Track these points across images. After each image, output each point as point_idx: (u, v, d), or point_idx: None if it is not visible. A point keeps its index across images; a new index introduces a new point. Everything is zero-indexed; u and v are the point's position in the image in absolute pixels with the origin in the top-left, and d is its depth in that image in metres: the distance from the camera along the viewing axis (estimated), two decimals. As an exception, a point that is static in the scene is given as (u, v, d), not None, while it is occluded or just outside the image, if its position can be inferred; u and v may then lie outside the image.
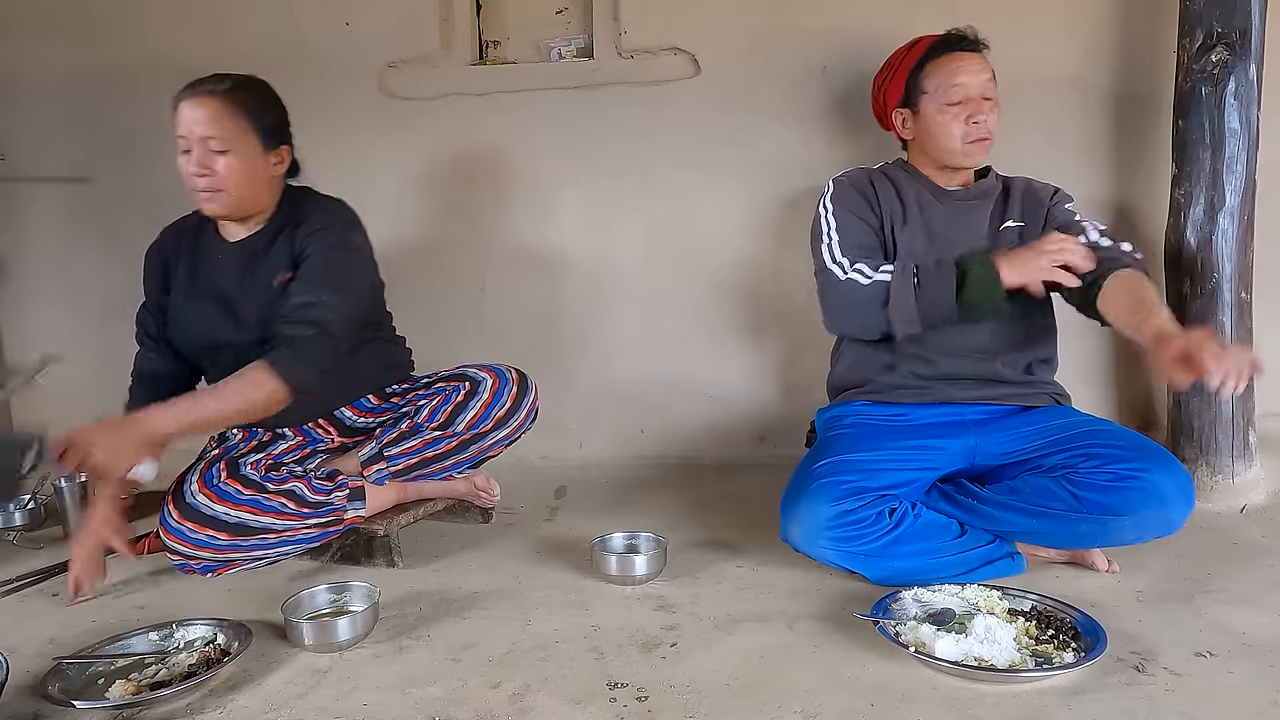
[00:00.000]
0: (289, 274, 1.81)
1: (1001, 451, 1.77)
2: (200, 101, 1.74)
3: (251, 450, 1.91)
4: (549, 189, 2.59)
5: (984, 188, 1.91)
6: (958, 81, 1.81)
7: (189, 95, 1.76)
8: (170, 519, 1.71)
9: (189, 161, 1.75)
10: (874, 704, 1.27)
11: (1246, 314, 2.15)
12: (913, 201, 1.89)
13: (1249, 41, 2.04)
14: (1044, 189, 1.92)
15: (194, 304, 1.88)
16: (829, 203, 1.90)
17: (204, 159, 1.74)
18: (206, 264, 1.89)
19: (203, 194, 1.77)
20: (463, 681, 1.38)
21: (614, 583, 1.75)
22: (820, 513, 1.63)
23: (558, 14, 2.61)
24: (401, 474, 1.89)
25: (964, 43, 1.84)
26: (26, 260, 2.78)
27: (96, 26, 2.66)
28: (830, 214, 1.88)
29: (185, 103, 1.75)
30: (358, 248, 1.88)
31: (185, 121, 1.74)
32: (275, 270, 1.82)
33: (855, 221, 1.86)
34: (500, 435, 1.93)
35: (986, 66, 1.83)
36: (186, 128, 1.74)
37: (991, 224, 1.88)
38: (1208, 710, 1.23)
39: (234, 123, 1.75)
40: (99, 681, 1.41)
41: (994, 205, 1.90)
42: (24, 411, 2.83)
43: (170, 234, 1.97)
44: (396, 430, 1.91)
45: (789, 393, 2.56)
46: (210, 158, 1.74)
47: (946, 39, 1.86)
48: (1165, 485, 1.58)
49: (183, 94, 1.77)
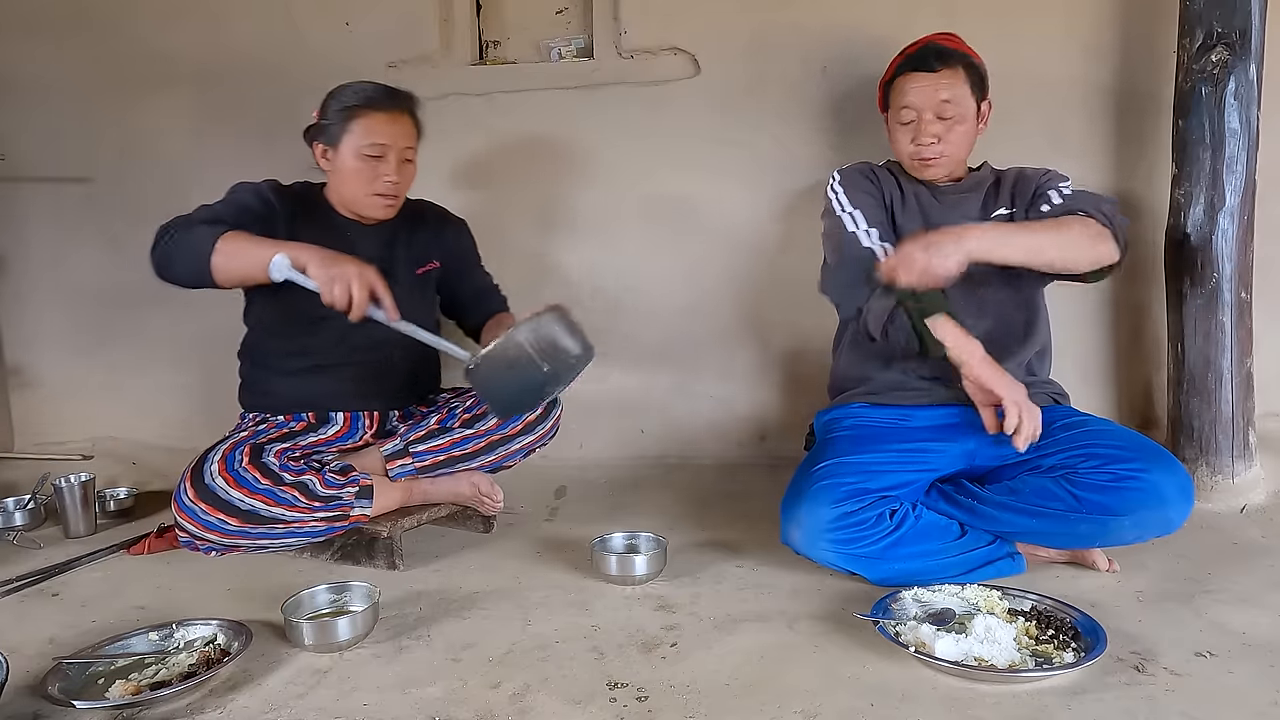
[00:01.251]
0: (434, 264, 2.08)
1: (1001, 452, 1.77)
2: (401, 116, 1.91)
3: (279, 438, 1.91)
4: (549, 189, 2.59)
5: (975, 180, 1.93)
6: (906, 103, 1.85)
7: (390, 106, 1.90)
8: (185, 497, 1.72)
9: (381, 167, 1.89)
10: (874, 704, 1.27)
11: (1246, 314, 2.15)
12: (910, 192, 1.93)
13: (1249, 41, 2.05)
14: (1035, 172, 1.91)
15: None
16: (838, 186, 1.93)
17: (400, 169, 1.91)
18: (335, 237, 1.89)
19: (387, 199, 1.94)
20: (463, 681, 1.38)
21: (614, 583, 1.75)
22: (821, 515, 1.63)
23: (558, 14, 2.61)
24: (427, 470, 1.93)
25: (921, 64, 1.84)
26: (26, 260, 2.77)
27: (95, 26, 2.66)
28: (842, 193, 1.92)
29: (384, 113, 1.89)
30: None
31: (386, 131, 1.89)
32: (419, 260, 2.06)
33: (866, 197, 1.90)
34: (525, 441, 2.00)
35: (944, 85, 1.81)
36: (389, 137, 1.89)
37: (984, 212, 1.89)
38: (1208, 710, 1.23)
39: (417, 137, 1.97)
40: (99, 681, 1.40)
41: (985, 195, 1.91)
42: (24, 411, 2.83)
43: (288, 190, 1.96)
44: (425, 427, 1.95)
45: (789, 393, 2.56)
46: (403, 168, 1.93)
47: (909, 58, 1.87)
48: (1165, 485, 1.59)
49: (377, 101, 1.89)
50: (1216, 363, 2.13)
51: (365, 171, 1.90)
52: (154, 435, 2.74)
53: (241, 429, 1.97)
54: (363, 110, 1.88)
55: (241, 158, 2.64)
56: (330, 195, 2.01)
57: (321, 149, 1.93)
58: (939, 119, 1.83)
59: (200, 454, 1.79)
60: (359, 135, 1.88)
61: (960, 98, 1.82)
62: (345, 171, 1.92)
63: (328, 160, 1.93)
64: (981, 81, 1.87)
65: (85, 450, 2.58)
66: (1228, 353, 2.13)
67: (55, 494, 2.20)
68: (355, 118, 1.88)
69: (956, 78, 1.82)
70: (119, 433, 2.75)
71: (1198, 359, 2.15)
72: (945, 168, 1.88)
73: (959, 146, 1.86)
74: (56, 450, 2.65)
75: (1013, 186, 1.90)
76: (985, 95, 1.88)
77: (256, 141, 2.63)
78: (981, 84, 1.87)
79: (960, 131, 1.84)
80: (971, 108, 1.85)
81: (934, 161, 1.86)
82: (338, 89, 1.94)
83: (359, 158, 1.89)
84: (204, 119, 2.65)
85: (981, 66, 1.87)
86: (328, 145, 1.92)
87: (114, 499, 2.36)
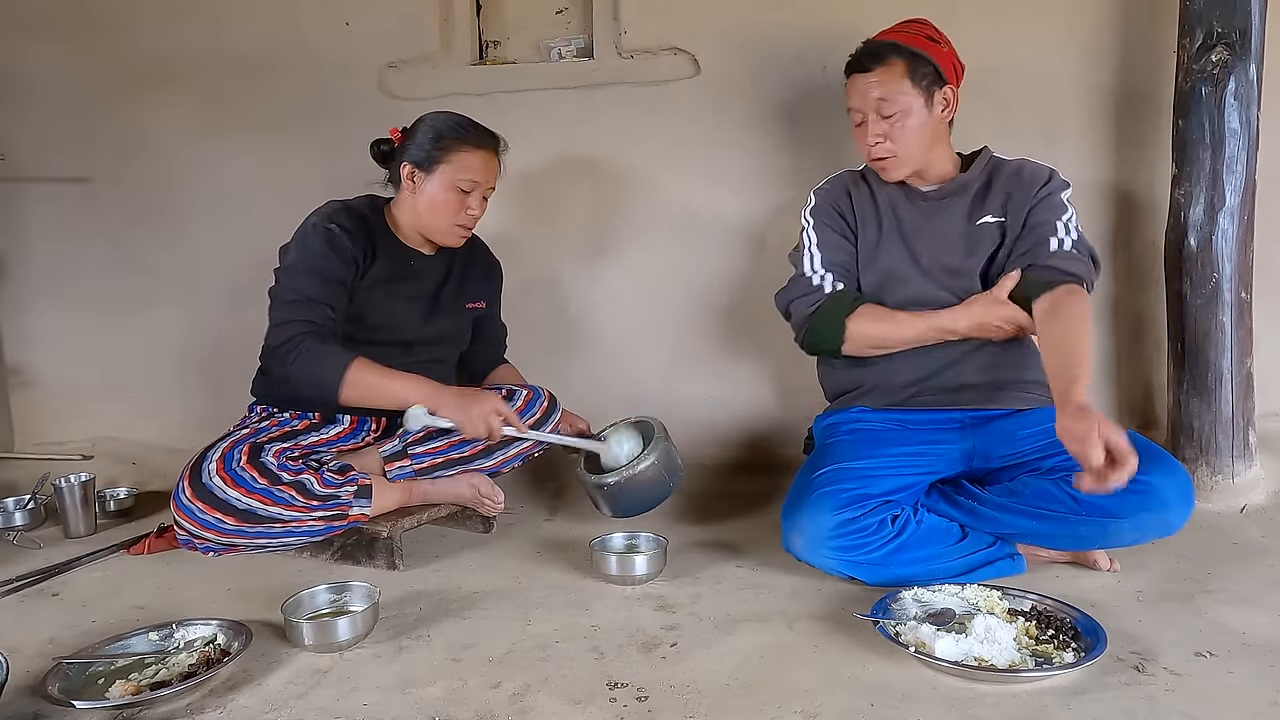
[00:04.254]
0: (481, 304, 2.19)
1: (1000, 455, 1.77)
2: (494, 156, 1.99)
3: (279, 437, 1.91)
4: (548, 189, 2.59)
5: (959, 183, 1.87)
6: (849, 105, 1.85)
7: (489, 145, 1.98)
8: (183, 495, 1.72)
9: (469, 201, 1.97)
10: (874, 704, 1.27)
11: (1246, 314, 2.15)
12: (886, 207, 1.90)
13: (1249, 41, 2.05)
14: (1035, 176, 1.85)
15: (392, 301, 1.99)
16: (809, 215, 1.97)
17: (482, 205, 2.01)
18: (400, 265, 2.01)
19: (466, 231, 2.02)
20: (463, 681, 1.38)
21: (614, 583, 1.75)
22: (822, 522, 1.63)
23: (558, 14, 2.61)
24: (425, 472, 1.94)
25: (855, 65, 1.83)
26: (26, 260, 2.77)
27: (95, 26, 2.66)
28: (810, 225, 1.96)
29: (483, 151, 1.97)
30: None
31: (482, 169, 1.96)
32: (470, 295, 2.15)
33: (830, 233, 1.92)
34: (525, 445, 2.02)
35: (876, 84, 1.79)
36: (482, 175, 1.97)
37: (969, 219, 1.86)
38: (1208, 710, 1.23)
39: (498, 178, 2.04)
40: (99, 681, 1.40)
41: (971, 199, 1.87)
42: (24, 411, 2.82)
43: (359, 220, 1.97)
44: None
45: (789, 393, 2.55)
46: (483, 204, 2.01)
47: (848, 60, 1.85)
48: (1165, 488, 1.58)
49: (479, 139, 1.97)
50: (1216, 363, 2.13)
51: (454, 204, 1.96)
52: (154, 435, 2.73)
53: (244, 425, 1.98)
54: (465, 145, 1.95)
55: (241, 158, 2.64)
56: (395, 214, 2.03)
57: (410, 170, 1.96)
58: (881, 118, 1.80)
59: (199, 452, 1.79)
60: (457, 169, 1.94)
61: (896, 93, 1.78)
62: (433, 199, 1.96)
63: (413, 183, 1.96)
64: (933, 70, 1.79)
65: (85, 450, 2.58)
66: (1228, 353, 2.13)
67: (55, 494, 2.20)
68: (456, 150, 1.94)
69: (891, 73, 1.78)
70: (119, 433, 2.75)
71: (1198, 359, 2.15)
72: (905, 167, 1.84)
73: (910, 145, 1.81)
74: (56, 450, 2.64)
75: (1006, 189, 1.85)
76: (943, 83, 1.81)
77: (257, 141, 2.63)
78: (933, 73, 1.80)
79: (908, 127, 1.79)
80: (914, 101, 1.78)
81: (886, 162, 1.83)
82: (433, 116, 1.99)
83: (452, 189, 1.95)
84: (204, 119, 2.65)
85: (934, 54, 1.80)
86: (419, 169, 1.95)
87: (114, 499, 2.36)
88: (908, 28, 1.85)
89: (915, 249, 1.86)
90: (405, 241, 2.04)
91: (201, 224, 2.68)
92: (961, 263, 1.84)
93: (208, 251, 2.67)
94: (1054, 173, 1.86)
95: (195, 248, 2.69)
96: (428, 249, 2.07)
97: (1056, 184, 1.84)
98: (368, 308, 1.95)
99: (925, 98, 1.80)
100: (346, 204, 1.99)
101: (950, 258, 1.85)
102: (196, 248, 2.69)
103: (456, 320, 2.13)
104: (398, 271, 2.00)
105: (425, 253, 2.07)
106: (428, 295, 2.06)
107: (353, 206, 1.99)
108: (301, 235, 1.92)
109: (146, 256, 2.72)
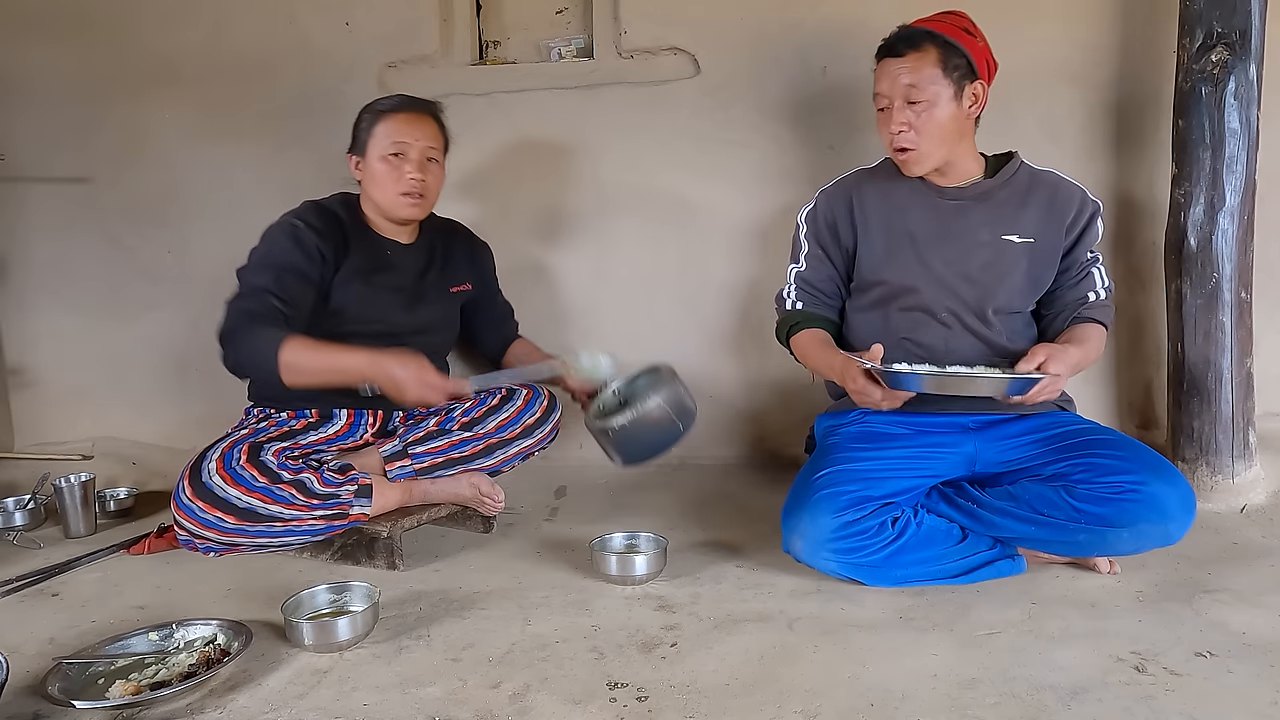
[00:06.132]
0: (466, 286, 2.17)
1: (1002, 459, 1.77)
2: (421, 117, 1.98)
3: (278, 437, 1.92)
4: (549, 189, 2.59)
5: (984, 188, 1.83)
6: (877, 90, 1.81)
7: (409, 108, 1.98)
8: (183, 495, 1.72)
9: (405, 166, 1.95)
10: (874, 704, 1.27)
11: (1246, 314, 2.15)
12: (897, 213, 1.86)
13: (1249, 41, 2.05)
14: (1070, 202, 1.83)
15: (373, 292, 1.98)
16: (803, 222, 1.98)
17: (423, 168, 1.97)
18: (377, 256, 2.01)
19: (413, 197, 1.97)
20: (463, 681, 1.38)
21: (614, 583, 1.75)
22: (823, 525, 1.62)
23: (558, 14, 2.61)
24: (425, 471, 1.94)
25: (888, 49, 1.78)
26: (26, 260, 2.77)
27: (95, 26, 2.66)
28: (802, 234, 1.98)
29: (404, 114, 1.97)
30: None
31: (407, 131, 1.96)
32: (453, 280, 2.14)
33: (818, 250, 1.96)
34: (524, 444, 2.03)
35: (908, 69, 1.74)
36: (409, 136, 1.95)
37: (993, 230, 1.81)
38: (1208, 710, 1.23)
39: (441, 140, 2.03)
40: (99, 681, 1.40)
41: (1003, 209, 1.82)
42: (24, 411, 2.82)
43: (329, 217, 1.97)
44: (423, 429, 1.97)
45: (789, 393, 2.55)
46: (427, 167, 1.98)
47: (881, 44, 1.80)
48: (1165, 498, 1.58)
49: (398, 106, 1.98)
50: (1216, 363, 2.13)
51: (390, 172, 1.96)
52: (154, 435, 2.74)
53: (243, 426, 1.98)
54: (384, 115, 1.97)
55: (241, 158, 2.64)
56: (365, 208, 2.05)
57: (354, 160, 2.01)
58: (908, 105, 1.75)
59: (199, 452, 1.79)
60: (381, 139, 1.96)
61: (926, 81, 1.73)
62: (374, 175, 1.98)
63: (359, 170, 2.01)
64: (965, 63, 1.75)
65: (85, 450, 2.58)
66: (1228, 353, 2.13)
67: (55, 494, 2.20)
68: (378, 123, 1.97)
69: (924, 60, 1.73)
70: (119, 433, 2.75)
71: (1198, 359, 2.15)
72: (926, 162, 1.79)
73: (933, 137, 1.76)
74: (56, 450, 2.64)
75: (1041, 211, 1.82)
76: (975, 77, 1.77)
77: (256, 141, 2.63)
78: (965, 65, 1.75)
79: (933, 118, 1.74)
80: (943, 91, 1.74)
81: (908, 155, 1.78)
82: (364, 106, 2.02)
83: (383, 160, 1.96)
84: (204, 119, 2.65)
85: (969, 47, 1.75)
86: (358, 155, 2.00)
87: (114, 499, 2.36)
88: (945, 18, 1.81)
89: (927, 258, 1.82)
90: (380, 233, 2.05)
91: (202, 224, 2.68)
92: (980, 273, 1.81)
93: (208, 251, 2.67)
94: (1085, 195, 1.86)
95: (195, 248, 2.69)
96: (405, 237, 2.08)
97: (1091, 208, 1.85)
98: (349, 301, 1.95)
99: (955, 90, 1.75)
100: (318, 202, 2.01)
101: (968, 265, 1.81)
102: (197, 248, 2.69)
103: (443, 306, 2.13)
104: (374, 263, 2.00)
105: (403, 242, 2.07)
106: (410, 284, 2.05)
107: (323, 204, 2.01)
108: (266, 233, 1.94)
109: (146, 256, 2.72)
